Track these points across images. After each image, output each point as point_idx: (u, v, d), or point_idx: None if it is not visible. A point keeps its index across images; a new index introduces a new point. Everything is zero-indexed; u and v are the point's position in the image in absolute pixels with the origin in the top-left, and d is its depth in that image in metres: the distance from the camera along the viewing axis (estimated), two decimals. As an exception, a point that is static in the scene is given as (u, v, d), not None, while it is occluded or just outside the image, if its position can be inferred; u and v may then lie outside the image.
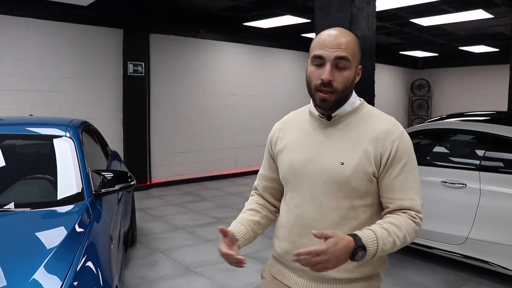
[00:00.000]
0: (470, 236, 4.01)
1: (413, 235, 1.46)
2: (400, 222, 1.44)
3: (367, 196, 1.52)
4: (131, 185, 3.11)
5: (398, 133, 1.51)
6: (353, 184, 1.49)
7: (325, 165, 1.52)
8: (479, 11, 7.40)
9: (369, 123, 1.54)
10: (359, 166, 1.48)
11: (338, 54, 1.46)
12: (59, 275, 1.87)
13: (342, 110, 1.55)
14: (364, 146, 1.50)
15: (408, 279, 4.16)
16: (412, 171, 1.51)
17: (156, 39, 8.24)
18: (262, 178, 1.80)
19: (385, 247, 1.39)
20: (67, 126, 3.38)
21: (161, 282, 4.04)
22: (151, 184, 8.28)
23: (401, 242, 1.43)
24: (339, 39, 1.48)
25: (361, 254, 1.35)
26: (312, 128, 1.61)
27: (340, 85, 1.48)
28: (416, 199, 1.49)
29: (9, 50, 6.54)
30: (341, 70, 1.47)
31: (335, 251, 1.30)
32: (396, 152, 1.48)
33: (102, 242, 2.45)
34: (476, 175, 4.06)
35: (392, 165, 1.49)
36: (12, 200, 2.72)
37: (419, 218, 1.47)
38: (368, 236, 1.37)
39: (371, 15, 4.28)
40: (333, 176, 1.50)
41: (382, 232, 1.39)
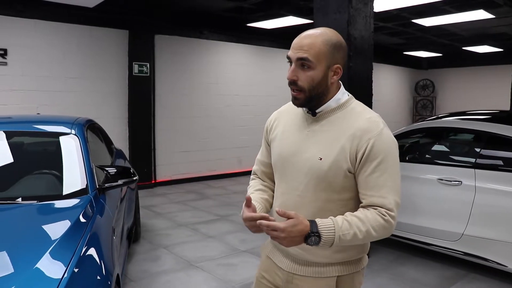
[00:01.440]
0: (466, 233, 4.09)
1: (382, 232, 1.52)
2: (365, 217, 1.50)
3: (344, 190, 1.59)
4: (134, 180, 3.23)
5: (375, 131, 1.55)
6: (330, 178, 1.57)
7: (306, 159, 1.61)
8: (480, 12, 7.44)
9: (350, 120, 1.60)
10: (336, 162, 1.56)
11: (299, 55, 1.56)
12: (63, 262, 1.99)
13: (327, 107, 1.63)
14: (341, 143, 1.56)
15: (404, 274, 4.25)
16: (388, 169, 1.54)
17: (161, 40, 8.37)
18: (260, 163, 1.90)
19: (345, 238, 1.47)
20: (73, 124, 3.51)
21: (163, 275, 4.16)
22: (156, 183, 8.41)
23: (364, 236, 1.49)
24: (303, 41, 1.57)
25: (314, 240, 1.45)
26: (301, 122, 1.70)
27: (305, 84, 1.58)
28: (389, 197, 1.53)
29: (17, 51, 6.69)
30: (305, 70, 1.57)
31: (291, 232, 1.43)
32: (371, 150, 1.53)
33: (105, 233, 2.57)
34: (471, 172, 4.14)
35: (367, 163, 1.54)
36: (20, 194, 2.87)
37: (389, 216, 1.51)
38: (326, 225, 1.47)
39: (368, 15, 4.38)
40: (312, 169, 1.59)
41: (343, 223, 1.48)
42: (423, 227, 4.44)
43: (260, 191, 1.83)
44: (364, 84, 4.41)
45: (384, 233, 1.53)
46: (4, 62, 6.58)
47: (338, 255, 1.64)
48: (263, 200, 1.79)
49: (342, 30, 4.17)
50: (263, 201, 1.79)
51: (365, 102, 4.66)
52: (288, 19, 8.24)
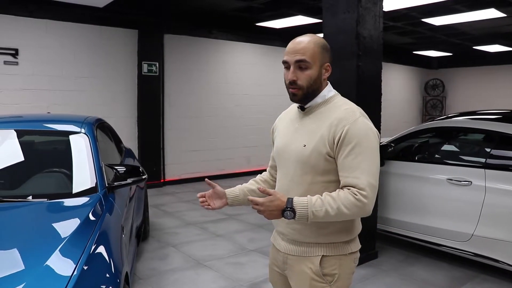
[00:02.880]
0: (476, 233, 4.05)
1: (355, 210, 1.67)
2: (337, 196, 1.68)
3: (327, 173, 1.79)
4: (143, 179, 3.25)
5: (350, 119, 1.75)
6: (312, 162, 1.78)
7: (294, 147, 1.85)
8: (491, 10, 7.38)
9: (331, 112, 1.82)
10: (316, 148, 1.77)
11: (298, 58, 1.79)
12: (72, 259, 2.01)
13: (314, 102, 1.87)
14: (321, 131, 1.78)
15: (414, 274, 4.23)
16: (362, 153, 1.71)
17: (170, 39, 8.41)
18: (271, 159, 2.15)
19: (318, 214, 1.67)
20: (83, 123, 3.53)
21: (171, 274, 4.18)
22: (165, 182, 8.45)
23: (336, 213, 1.67)
24: (297, 46, 1.81)
25: (290, 214, 1.67)
26: (294, 117, 1.95)
27: (304, 82, 1.81)
28: (362, 178, 1.69)
29: (29, 51, 6.76)
30: (303, 70, 1.80)
31: (269, 206, 1.68)
32: (346, 135, 1.72)
33: (114, 231, 2.59)
34: (481, 172, 4.10)
35: (342, 147, 1.73)
36: (30, 192, 2.90)
37: (361, 195, 1.67)
38: (300, 202, 1.68)
39: (378, 15, 4.36)
40: (297, 156, 1.83)
41: (316, 201, 1.68)
42: (432, 227, 4.41)
43: (252, 182, 2.17)
44: (373, 84, 4.39)
45: (358, 212, 1.69)
46: (16, 62, 6.64)
47: (323, 237, 1.83)
48: (246, 189, 2.11)
49: (351, 29, 4.17)
50: (245, 190, 2.10)
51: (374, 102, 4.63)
52: (297, 19, 8.24)
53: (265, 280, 3.92)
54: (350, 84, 4.15)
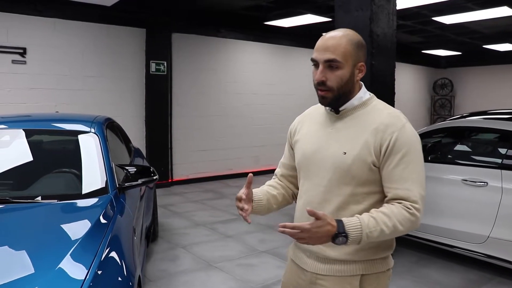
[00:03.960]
0: (492, 235, 3.97)
1: (408, 225, 1.52)
2: (391, 212, 1.52)
3: (369, 184, 1.61)
4: (154, 179, 3.19)
5: (398, 125, 1.60)
6: (353, 172, 1.59)
7: (330, 154, 1.65)
8: (504, 8, 7.26)
9: (373, 116, 1.64)
10: (359, 156, 1.58)
11: (327, 57, 1.60)
12: (84, 264, 1.94)
13: (350, 105, 1.67)
14: (365, 137, 1.60)
15: (428, 277, 4.15)
16: (412, 162, 1.57)
17: (178, 38, 8.35)
18: (282, 166, 1.95)
19: (372, 235, 1.49)
20: (92, 122, 3.48)
21: (182, 275, 4.12)
22: (173, 182, 8.40)
23: (391, 231, 1.51)
24: (327, 42, 1.61)
25: (342, 240, 1.47)
26: (324, 120, 1.75)
27: (334, 83, 1.61)
28: (414, 189, 1.55)
29: (37, 50, 6.72)
30: (333, 70, 1.61)
31: (317, 232, 1.45)
32: (395, 143, 1.56)
33: (126, 234, 2.53)
34: (498, 173, 4.02)
35: (391, 156, 1.57)
36: (40, 193, 2.84)
37: (414, 209, 1.53)
38: (352, 224, 1.48)
39: (391, 13, 4.28)
40: (335, 164, 1.62)
41: (369, 221, 1.49)
42: (446, 228, 4.33)
43: (271, 187, 1.88)
44: (386, 83, 4.31)
45: (411, 227, 1.54)
46: (24, 61, 6.61)
47: (362, 253, 1.63)
48: (269, 194, 1.83)
49: (364, 27, 4.09)
50: (268, 195, 1.82)
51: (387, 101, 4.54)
52: (306, 17, 8.16)
53: (277, 282, 3.85)
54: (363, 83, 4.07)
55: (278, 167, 1.98)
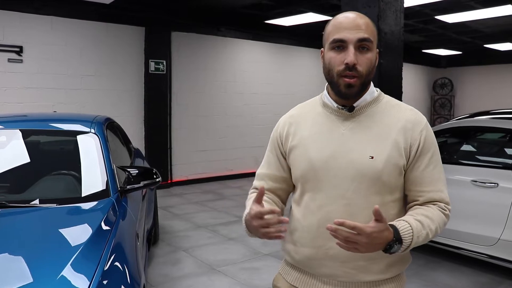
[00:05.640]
0: (503, 237, 3.88)
1: (443, 227, 1.43)
2: (433, 214, 1.39)
3: (396, 190, 1.45)
4: (157, 181, 3.07)
5: (424, 122, 1.46)
6: (385, 178, 1.40)
7: (352, 159, 1.42)
8: (507, 7, 7.19)
9: (392, 112, 1.47)
10: (390, 159, 1.40)
11: (361, 36, 1.38)
12: (87, 273, 1.82)
13: (363, 101, 1.47)
14: (393, 137, 1.42)
15: (437, 280, 4.05)
16: (438, 161, 1.47)
17: (178, 37, 8.23)
18: (266, 177, 1.63)
19: (418, 240, 1.34)
20: (92, 122, 3.36)
21: (184, 280, 4.00)
22: (172, 182, 8.28)
23: (433, 235, 1.38)
24: (357, 20, 1.41)
25: (397, 247, 1.30)
26: (329, 121, 1.50)
27: (364, 68, 1.40)
28: (444, 190, 1.46)
29: (34, 49, 6.59)
30: (364, 52, 1.40)
31: (377, 238, 1.25)
32: (425, 143, 1.43)
33: (129, 240, 2.41)
34: (508, 174, 3.93)
35: (421, 156, 1.43)
36: (37, 196, 2.70)
37: (448, 210, 1.44)
38: (405, 229, 1.32)
39: (399, 10, 4.18)
40: (362, 171, 1.40)
41: (416, 225, 1.34)
42: (455, 230, 4.22)
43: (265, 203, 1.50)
44: (394, 82, 4.21)
45: (443, 229, 1.44)
46: (20, 60, 6.49)
47: (393, 268, 1.46)
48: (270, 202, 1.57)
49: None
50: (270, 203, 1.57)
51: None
52: (307, 16, 8.06)
53: (283, 287, 3.74)
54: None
55: (259, 180, 1.65)
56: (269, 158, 1.65)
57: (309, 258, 1.48)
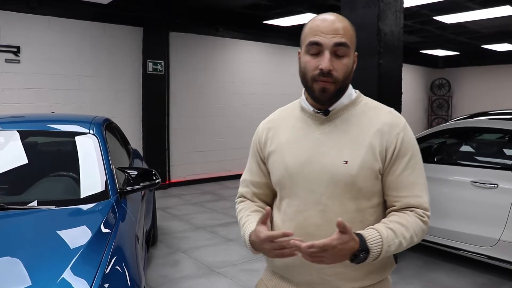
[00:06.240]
0: (502, 238, 3.87)
1: (421, 235, 1.36)
2: (408, 222, 1.34)
3: (373, 196, 1.40)
4: (156, 183, 3.05)
5: (401, 125, 1.41)
6: (360, 183, 1.36)
7: (326, 164, 1.38)
8: (505, 8, 7.19)
9: (370, 115, 1.43)
10: (365, 163, 1.36)
11: (338, 40, 1.34)
12: (87, 278, 1.79)
13: (340, 104, 1.43)
14: (368, 140, 1.38)
15: (437, 281, 4.04)
16: (417, 165, 1.40)
17: (176, 37, 8.21)
18: (250, 184, 1.61)
19: (390, 249, 1.29)
20: (91, 123, 3.33)
21: (184, 281, 3.98)
22: (170, 183, 8.25)
23: (408, 243, 1.33)
24: (336, 24, 1.35)
25: (363, 257, 1.26)
26: (306, 125, 1.47)
27: (340, 74, 1.36)
28: (423, 195, 1.39)
29: (31, 49, 6.56)
30: (340, 58, 1.35)
31: (341, 250, 1.22)
32: (401, 146, 1.38)
33: (129, 242, 2.39)
34: (508, 175, 3.92)
35: (397, 160, 1.38)
36: (36, 198, 2.67)
37: (427, 216, 1.37)
38: (373, 238, 1.28)
39: (398, 10, 4.17)
40: (336, 176, 1.36)
41: (388, 233, 1.30)
42: (454, 231, 4.23)
43: (258, 213, 1.52)
44: (394, 82, 4.20)
45: (422, 236, 1.38)
46: (17, 60, 6.45)
47: (374, 275, 1.43)
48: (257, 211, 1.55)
49: (372, 25, 3.98)
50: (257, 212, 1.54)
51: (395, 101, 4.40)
52: (306, 16, 8.04)
53: None
54: (371, 83, 3.96)
55: (243, 186, 1.63)
56: (251, 164, 1.63)
57: (287, 265, 1.44)
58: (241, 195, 1.64)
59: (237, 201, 1.65)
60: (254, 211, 1.54)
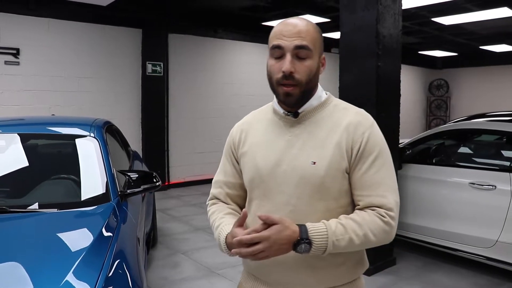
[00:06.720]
0: (500, 239, 3.89)
1: (382, 235, 1.35)
2: (363, 219, 1.34)
3: (342, 195, 1.42)
4: (157, 185, 3.07)
5: (368, 124, 1.42)
6: (328, 184, 1.38)
7: (295, 166, 1.41)
8: (503, 9, 7.21)
9: (338, 116, 1.45)
10: (333, 164, 1.38)
11: (298, 43, 1.36)
12: (89, 281, 1.81)
13: (309, 106, 1.46)
14: (335, 140, 1.40)
15: (436, 282, 4.06)
16: (384, 165, 1.40)
17: (175, 39, 8.22)
18: (224, 185, 1.61)
19: (339, 244, 1.30)
20: (91, 126, 3.35)
21: (184, 283, 4.00)
22: (169, 185, 8.26)
23: (362, 241, 1.33)
24: (297, 27, 1.38)
25: (305, 247, 1.27)
26: (277, 127, 1.49)
27: (303, 76, 1.38)
28: (388, 195, 1.38)
29: (30, 51, 6.56)
30: (302, 60, 1.38)
31: (278, 239, 1.24)
32: (366, 145, 1.39)
33: (130, 245, 2.41)
34: (506, 176, 3.94)
35: (362, 159, 1.39)
36: (37, 201, 2.69)
37: (389, 217, 1.35)
38: (317, 230, 1.29)
39: (397, 13, 4.19)
40: (305, 177, 1.39)
41: (336, 227, 1.31)
42: (453, 232, 4.25)
43: (231, 215, 1.52)
44: (392, 85, 4.22)
45: (385, 238, 1.37)
46: (17, 62, 6.45)
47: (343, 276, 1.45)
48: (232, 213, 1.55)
49: (371, 28, 4.00)
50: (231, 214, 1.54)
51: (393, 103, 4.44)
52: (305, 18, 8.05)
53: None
54: (369, 85, 3.97)
55: (216, 188, 1.63)
56: (225, 165, 1.64)
57: (259, 265, 1.46)
58: (214, 196, 1.65)
59: (209, 203, 1.66)
60: (228, 213, 1.54)
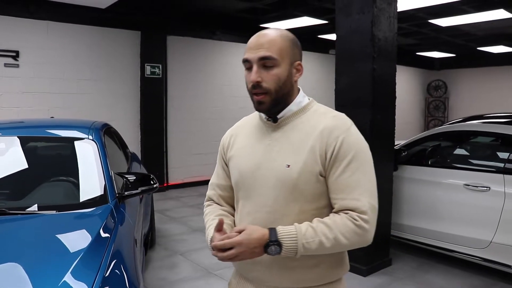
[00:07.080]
0: (494, 240, 3.94)
1: (355, 239, 1.38)
2: (334, 222, 1.38)
3: (317, 198, 1.46)
4: (154, 188, 3.10)
5: (343, 128, 1.45)
6: (301, 186, 1.43)
7: (272, 169, 1.48)
8: (500, 11, 7.26)
9: (315, 120, 1.49)
10: (306, 167, 1.43)
11: (261, 54, 1.45)
12: (87, 282, 1.84)
13: (288, 111, 1.52)
14: (310, 144, 1.44)
15: (431, 283, 4.10)
16: (359, 168, 1.42)
17: (173, 41, 8.26)
18: (216, 187, 1.72)
19: (310, 246, 1.35)
20: (90, 129, 3.39)
21: (182, 284, 4.04)
22: (168, 186, 8.31)
23: (332, 244, 1.36)
24: (261, 39, 1.47)
25: (275, 249, 1.34)
26: (260, 132, 1.57)
27: (271, 84, 1.45)
28: (362, 199, 1.40)
29: (29, 53, 6.60)
30: (269, 69, 1.45)
31: (249, 243, 1.33)
32: (341, 148, 1.42)
33: (128, 247, 2.45)
34: (500, 178, 3.99)
35: (336, 162, 1.42)
36: (36, 203, 2.72)
37: (362, 220, 1.37)
38: (287, 232, 1.35)
39: (392, 16, 4.24)
40: (280, 180, 1.45)
41: (307, 230, 1.36)
42: (448, 233, 4.29)
43: (223, 217, 1.59)
44: (388, 87, 4.26)
45: (358, 241, 1.39)
46: (16, 64, 6.49)
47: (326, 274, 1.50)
48: (229, 226, 1.60)
49: (366, 31, 4.04)
50: (229, 227, 1.59)
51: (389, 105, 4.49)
52: (302, 20, 8.10)
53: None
54: (365, 87, 4.02)
55: (210, 189, 1.75)
56: (218, 168, 1.74)
57: (242, 263, 1.52)
58: (209, 198, 1.76)
59: (205, 204, 1.76)
60: (219, 215, 1.63)
